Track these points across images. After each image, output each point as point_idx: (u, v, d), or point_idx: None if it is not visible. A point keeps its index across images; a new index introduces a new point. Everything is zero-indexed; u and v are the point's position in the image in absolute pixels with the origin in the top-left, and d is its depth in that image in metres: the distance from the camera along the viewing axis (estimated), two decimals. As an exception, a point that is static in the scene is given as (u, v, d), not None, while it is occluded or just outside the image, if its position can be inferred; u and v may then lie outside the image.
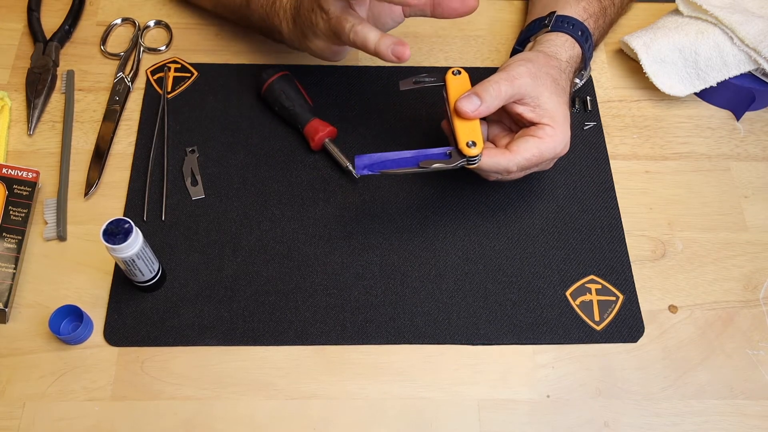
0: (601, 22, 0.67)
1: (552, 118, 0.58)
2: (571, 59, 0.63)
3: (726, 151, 0.71)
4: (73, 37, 0.76)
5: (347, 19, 0.57)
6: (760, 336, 0.61)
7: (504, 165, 0.58)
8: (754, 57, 0.68)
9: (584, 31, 0.64)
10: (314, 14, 0.59)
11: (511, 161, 0.57)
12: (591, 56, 0.66)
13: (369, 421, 0.56)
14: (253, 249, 0.63)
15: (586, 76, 0.69)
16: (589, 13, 0.66)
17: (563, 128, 0.58)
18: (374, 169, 0.57)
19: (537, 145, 0.57)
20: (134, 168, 0.67)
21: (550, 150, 0.58)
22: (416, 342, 0.60)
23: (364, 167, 0.58)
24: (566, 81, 0.61)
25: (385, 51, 0.55)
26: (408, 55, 0.55)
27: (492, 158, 0.57)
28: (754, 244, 0.66)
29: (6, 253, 0.60)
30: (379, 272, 0.62)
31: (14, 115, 0.70)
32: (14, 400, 0.56)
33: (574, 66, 0.64)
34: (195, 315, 0.60)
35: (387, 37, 0.55)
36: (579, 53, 0.64)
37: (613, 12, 0.70)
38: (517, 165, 0.58)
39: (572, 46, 0.63)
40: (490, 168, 0.58)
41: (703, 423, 0.57)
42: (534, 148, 0.57)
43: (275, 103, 0.69)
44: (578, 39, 0.63)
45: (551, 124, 0.58)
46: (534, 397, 0.58)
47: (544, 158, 0.58)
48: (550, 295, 0.62)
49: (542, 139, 0.57)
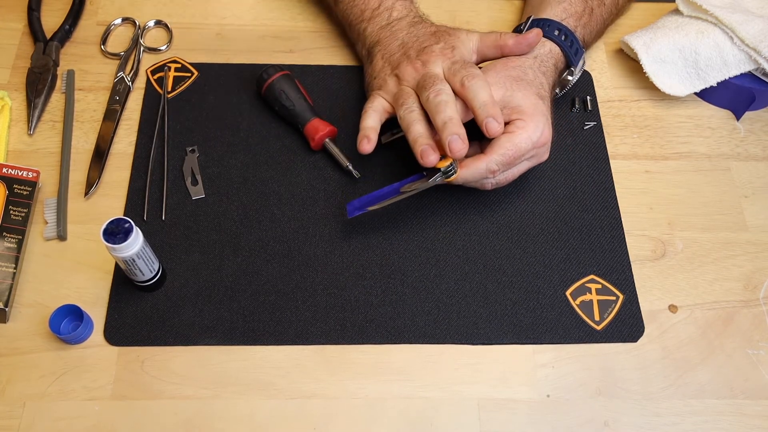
0: (586, 19, 0.69)
1: (519, 111, 0.59)
2: (540, 56, 0.65)
3: (726, 151, 0.71)
4: (73, 36, 0.76)
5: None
6: (760, 336, 0.61)
7: (484, 167, 0.59)
8: (754, 57, 0.68)
9: (561, 30, 0.66)
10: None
11: (490, 161, 0.58)
12: (578, 52, 0.67)
13: (369, 420, 0.56)
14: (254, 248, 0.63)
15: (578, 72, 0.69)
16: (569, 12, 0.68)
17: (533, 117, 0.59)
18: (363, 209, 0.61)
19: (509, 138, 0.59)
20: (134, 168, 0.67)
21: (525, 140, 0.59)
22: (416, 342, 0.60)
23: (355, 210, 0.62)
24: (535, 74, 0.63)
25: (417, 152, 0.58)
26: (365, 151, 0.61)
27: (469, 167, 0.59)
28: (754, 244, 0.66)
29: (6, 252, 0.60)
30: (379, 272, 0.62)
31: (14, 114, 0.70)
32: (14, 400, 0.56)
33: (550, 62, 0.65)
34: (195, 314, 0.60)
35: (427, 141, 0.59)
36: (552, 49, 0.66)
37: (604, 11, 0.71)
38: (496, 163, 0.59)
39: (541, 44, 0.65)
40: (472, 176, 0.59)
41: (703, 423, 0.57)
42: (507, 143, 0.58)
43: (275, 102, 0.69)
44: (552, 37, 0.66)
45: (520, 117, 0.59)
46: (534, 397, 0.58)
47: (521, 149, 0.59)
48: (550, 294, 0.62)
49: (513, 132, 0.59)
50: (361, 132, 0.61)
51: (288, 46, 0.76)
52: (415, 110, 0.60)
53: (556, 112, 0.72)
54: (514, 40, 0.63)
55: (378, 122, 0.62)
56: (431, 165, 0.57)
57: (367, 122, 0.62)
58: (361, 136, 0.61)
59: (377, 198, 0.62)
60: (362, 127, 0.62)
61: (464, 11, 0.80)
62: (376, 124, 0.62)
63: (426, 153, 0.57)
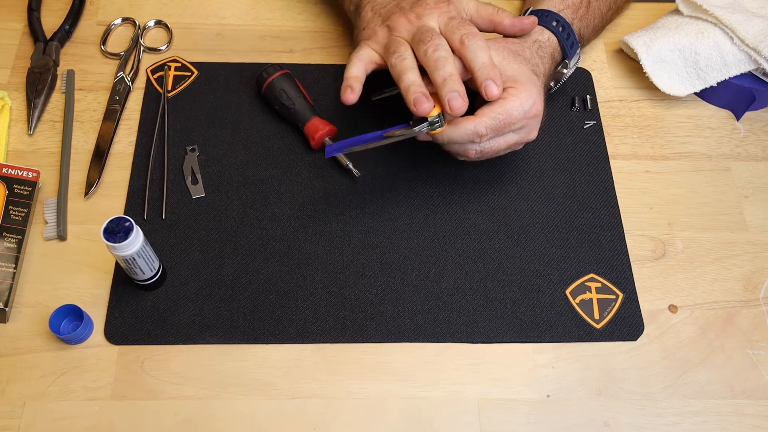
0: (582, 12, 0.69)
1: (514, 80, 0.59)
2: (538, 41, 0.65)
3: (726, 151, 0.71)
4: (73, 36, 0.76)
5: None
6: (760, 336, 0.61)
7: (472, 128, 0.57)
8: (754, 57, 0.68)
9: (559, 21, 0.66)
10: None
11: (479, 123, 0.57)
12: (573, 45, 0.67)
13: (369, 420, 0.56)
14: (254, 247, 0.63)
15: (572, 67, 0.69)
16: (567, 4, 0.68)
17: (526, 87, 0.59)
18: (342, 150, 0.60)
19: (501, 104, 0.58)
20: (134, 167, 0.67)
21: (517, 107, 0.58)
22: (416, 340, 0.60)
23: (334, 150, 0.61)
24: (532, 54, 0.63)
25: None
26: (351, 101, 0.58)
27: (458, 125, 0.58)
28: (754, 244, 0.66)
29: (6, 252, 0.60)
30: (380, 270, 0.62)
31: (14, 114, 0.70)
32: (14, 400, 0.56)
33: (547, 50, 0.65)
34: (195, 313, 0.60)
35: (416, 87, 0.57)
36: (550, 38, 0.65)
37: (602, 5, 0.71)
38: (485, 126, 0.57)
39: (540, 32, 0.65)
40: (459, 136, 0.58)
41: (702, 423, 0.57)
42: (499, 107, 0.58)
43: (275, 101, 0.69)
44: (550, 27, 0.65)
45: (513, 85, 0.59)
46: (534, 397, 0.58)
47: (512, 116, 0.58)
48: (549, 293, 0.62)
49: (506, 99, 0.58)
50: (344, 82, 0.58)
51: (288, 46, 0.76)
52: (408, 58, 0.58)
53: (556, 110, 0.72)
54: (510, 21, 0.62)
55: (363, 72, 0.60)
56: (425, 114, 0.56)
57: (352, 71, 0.59)
58: (345, 86, 0.58)
59: (359, 141, 0.60)
60: (346, 77, 0.58)
61: (464, 11, 0.80)
62: (361, 74, 0.59)
63: (419, 101, 0.55)
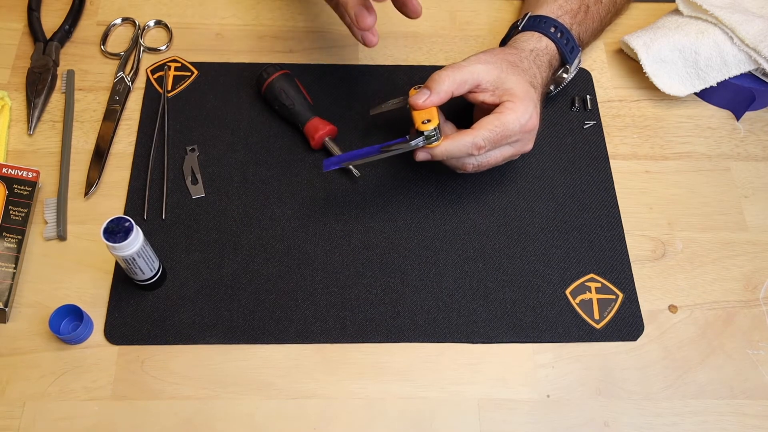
0: (581, 17, 0.69)
1: (511, 94, 0.60)
2: (536, 50, 0.65)
3: (726, 151, 0.71)
4: (73, 36, 0.76)
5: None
6: (760, 336, 0.61)
7: (470, 141, 0.58)
8: (754, 57, 0.68)
9: (558, 27, 0.66)
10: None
11: (477, 136, 0.58)
12: (573, 50, 0.67)
13: (369, 420, 0.56)
14: (254, 247, 0.63)
15: (573, 71, 0.69)
16: (565, 9, 0.68)
17: (524, 101, 0.60)
18: (340, 164, 0.61)
19: (498, 117, 0.59)
20: (134, 167, 0.67)
21: (513, 121, 0.59)
22: (416, 340, 0.60)
23: (331, 164, 0.61)
24: (529, 65, 0.63)
25: (356, 32, 0.60)
26: (374, 43, 0.61)
27: (455, 139, 0.59)
28: (754, 244, 0.66)
29: (6, 252, 0.60)
30: (380, 270, 0.62)
31: (14, 114, 0.70)
32: (14, 400, 0.56)
33: (545, 57, 0.65)
34: (195, 313, 0.60)
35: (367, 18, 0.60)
36: (548, 45, 0.66)
37: (600, 9, 0.71)
38: (483, 139, 0.58)
39: (538, 39, 0.66)
40: (457, 149, 0.59)
41: (702, 423, 0.57)
42: (495, 120, 0.59)
43: (275, 101, 0.69)
44: (548, 34, 0.66)
45: (510, 99, 0.59)
46: (534, 397, 0.58)
47: (509, 130, 0.59)
48: (549, 293, 0.62)
49: (503, 112, 0.59)
50: (354, 17, 0.60)
51: (288, 46, 0.76)
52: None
53: (555, 110, 0.72)
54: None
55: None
56: (367, 28, 0.59)
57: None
58: (354, 17, 0.60)
59: (356, 156, 0.62)
60: (351, 14, 0.60)
61: (464, 11, 0.80)
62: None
63: (361, 15, 0.58)
